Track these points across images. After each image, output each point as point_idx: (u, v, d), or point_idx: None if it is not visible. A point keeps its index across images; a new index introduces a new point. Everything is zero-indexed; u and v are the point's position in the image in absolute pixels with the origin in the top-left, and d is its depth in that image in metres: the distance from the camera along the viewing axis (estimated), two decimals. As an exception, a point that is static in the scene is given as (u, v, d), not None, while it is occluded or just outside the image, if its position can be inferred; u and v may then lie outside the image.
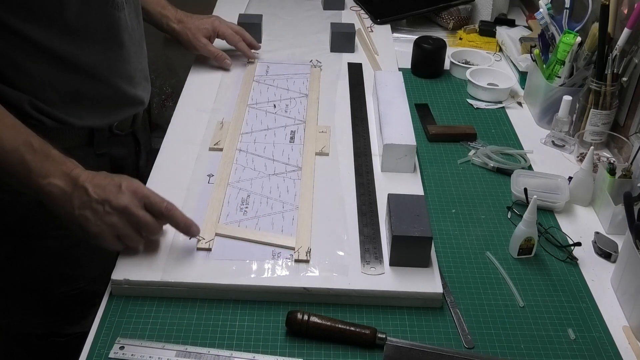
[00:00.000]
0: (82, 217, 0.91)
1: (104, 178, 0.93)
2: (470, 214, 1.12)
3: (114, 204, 0.90)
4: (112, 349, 0.85)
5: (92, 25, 1.05)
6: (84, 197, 0.90)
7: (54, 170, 0.91)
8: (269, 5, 1.83)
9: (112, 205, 0.90)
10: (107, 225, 0.91)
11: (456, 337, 0.89)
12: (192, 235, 0.96)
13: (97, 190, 0.91)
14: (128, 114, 1.20)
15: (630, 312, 0.93)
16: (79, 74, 1.06)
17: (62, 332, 1.25)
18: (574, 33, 1.29)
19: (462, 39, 1.73)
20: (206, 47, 1.45)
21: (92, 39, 1.06)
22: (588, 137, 1.28)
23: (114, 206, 0.90)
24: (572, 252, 1.04)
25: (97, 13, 1.05)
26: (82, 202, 0.90)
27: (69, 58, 1.04)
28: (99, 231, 0.91)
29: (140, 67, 1.20)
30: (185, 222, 0.95)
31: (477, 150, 1.26)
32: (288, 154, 1.20)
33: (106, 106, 1.14)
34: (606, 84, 1.23)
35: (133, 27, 1.15)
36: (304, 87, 1.42)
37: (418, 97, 1.47)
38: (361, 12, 1.83)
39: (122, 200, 0.90)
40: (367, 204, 1.08)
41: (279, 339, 0.88)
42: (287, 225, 1.03)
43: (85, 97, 1.09)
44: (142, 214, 0.92)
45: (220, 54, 1.46)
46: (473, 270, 1.00)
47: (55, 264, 1.18)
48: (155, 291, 0.93)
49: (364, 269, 0.95)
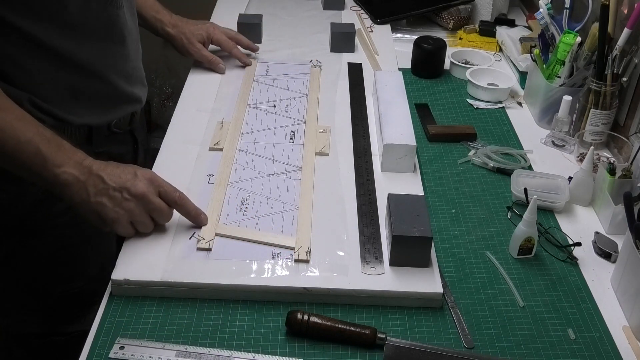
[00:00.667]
0: (98, 204, 0.93)
1: (117, 167, 0.96)
2: (470, 214, 1.12)
3: (132, 191, 0.93)
4: (112, 349, 0.85)
5: (92, 22, 1.05)
6: (100, 185, 0.93)
7: (67, 159, 0.93)
8: (269, 5, 1.83)
9: (130, 192, 0.93)
10: (125, 211, 0.94)
11: (456, 337, 0.89)
12: (201, 224, 1.00)
13: (113, 177, 0.94)
14: (126, 112, 1.21)
15: (630, 312, 0.93)
16: (78, 71, 1.07)
17: (62, 331, 1.25)
18: (574, 33, 1.29)
19: (462, 39, 1.73)
20: (200, 52, 1.45)
21: (92, 36, 1.06)
22: (588, 137, 1.28)
23: (132, 193, 0.93)
24: (572, 252, 1.04)
25: (98, 10, 1.05)
26: (98, 190, 0.93)
27: (68, 55, 1.04)
28: (116, 217, 0.94)
29: (137, 65, 1.21)
30: (195, 211, 1.00)
31: (477, 150, 1.26)
32: (288, 154, 1.20)
33: (105, 104, 1.14)
34: (606, 84, 1.23)
35: (130, 26, 1.16)
36: (304, 87, 1.42)
37: (418, 97, 1.47)
38: (361, 12, 1.83)
39: (140, 188, 0.94)
40: (367, 204, 1.08)
41: (279, 339, 0.88)
42: (287, 225, 1.03)
43: (84, 95, 1.09)
44: (157, 202, 0.96)
45: (213, 58, 1.46)
46: (473, 270, 1.00)
47: (54, 263, 1.18)
48: (155, 291, 0.93)
49: (364, 269, 0.95)
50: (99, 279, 0.97)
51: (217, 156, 1.19)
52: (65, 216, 1.13)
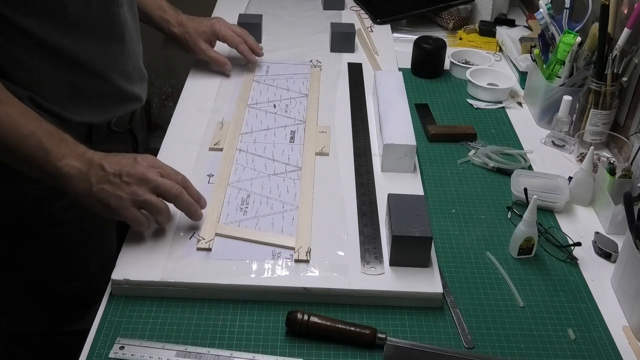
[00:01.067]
0: (101, 191, 0.93)
1: (117, 155, 0.96)
2: (470, 214, 1.12)
3: (131, 172, 0.93)
4: (112, 349, 0.85)
5: (92, 20, 1.05)
6: (100, 173, 0.93)
7: (69, 152, 0.93)
8: (269, 5, 1.83)
9: (129, 174, 0.93)
10: (127, 194, 0.93)
11: (456, 337, 0.89)
12: (201, 206, 1.00)
13: (112, 164, 0.94)
14: (126, 111, 1.21)
15: (630, 312, 0.93)
16: (78, 69, 1.07)
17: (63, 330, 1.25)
18: (574, 33, 1.29)
19: (462, 39, 1.73)
20: (205, 52, 1.42)
21: (92, 34, 1.06)
22: (588, 137, 1.28)
23: (131, 174, 0.93)
24: (572, 252, 1.04)
25: (98, 8, 1.05)
26: (99, 178, 0.93)
27: (68, 53, 1.04)
28: (119, 202, 0.93)
29: (137, 64, 1.21)
30: (197, 194, 0.99)
31: (477, 150, 1.26)
32: (288, 154, 1.20)
33: (104, 102, 1.14)
34: (606, 84, 1.23)
35: (130, 24, 1.16)
36: (304, 87, 1.42)
37: (418, 97, 1.47)
38: (361, 12, 1.83)
39: (139, 169, 0.94)
40: (367, 204, 1.08)
41: (279, 339, 0.88)
42: (287, 225, 1.03)
43: (83, 93, 1.09)
44: (160, 179, 0.95)
45: (220, 59, 1.43)
46: (473, 270, 1.00)
47: (54, 262, 1.18)
48: (155, 291, 0.93)
49: (364, 269, 0.95)
50: (100, 277, 0.97)
51: (217, 156, 1.19)
52: (66, 214, 1.13)
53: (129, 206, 0.93)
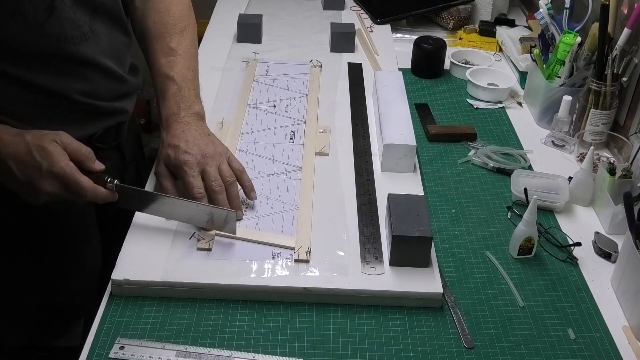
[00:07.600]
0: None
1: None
2: (470, 214, 1.12)
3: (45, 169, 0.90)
4: (112, 349, 0.85)
5: (46, 56, 1.01)
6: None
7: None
8: (269, 5, 1.83)
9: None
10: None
11: (456, 337, 0.89)
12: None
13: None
14: (108, 124, 1.14)
15: (630, 312, 0.93)
16: (41, 93, 1.03)
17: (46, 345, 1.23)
18: (574, 33, 1.29)
19: (462, 39, 1.73)
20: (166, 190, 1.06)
21: (48, 67, 1.02)
22: (588, 137, 1.28)
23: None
24: (572, 252, 1.04)
25: (50, 46, 1.00)
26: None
27: (28, 80, 1.01)
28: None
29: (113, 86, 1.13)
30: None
31: (477, 150, 1.26)
32: (288, 154, 1.20)
33: (78, 119, 1.08)
34: (606, 84, 1.23)
35: (100, 61, 1.08)
36: (304, 87, 1.42)
37: (418, 97, 1.47)
38: (361, 12, 1.83)
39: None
40: (367, 204, 1.08)
41: (279, 339, 0.88)
42: (287, 225, 1.03)
43: (53, 112, 1.05)
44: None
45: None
46: (473, 270, 1.00)
47: (34, 277, 1.16)
48: (155, 291, 0.93)
49: (364, 269, 0.95)
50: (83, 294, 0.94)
51: (217, 156, 1.18)
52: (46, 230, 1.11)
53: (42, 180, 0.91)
